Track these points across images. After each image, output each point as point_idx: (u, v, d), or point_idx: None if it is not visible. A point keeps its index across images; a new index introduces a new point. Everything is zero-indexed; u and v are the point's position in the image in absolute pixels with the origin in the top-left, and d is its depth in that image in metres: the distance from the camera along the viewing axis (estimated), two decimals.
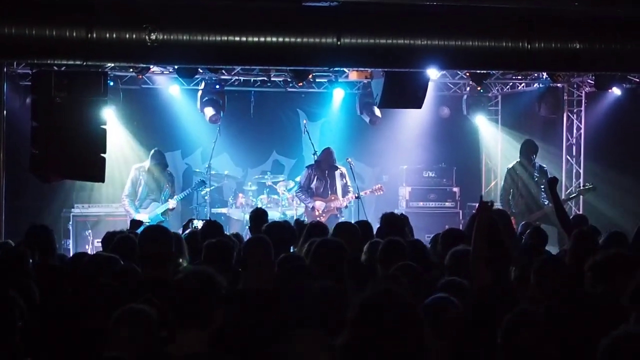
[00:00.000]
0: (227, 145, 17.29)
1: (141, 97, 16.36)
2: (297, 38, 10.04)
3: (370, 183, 17.90)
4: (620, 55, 10.86)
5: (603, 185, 16.30)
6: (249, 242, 7.04)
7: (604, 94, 16.46)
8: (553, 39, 10.57)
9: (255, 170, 17.71)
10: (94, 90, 10.39)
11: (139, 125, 16.61)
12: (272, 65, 13.71)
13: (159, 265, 6.68)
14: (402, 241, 7.69)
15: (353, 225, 9.02)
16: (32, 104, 10.87)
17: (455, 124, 18.28)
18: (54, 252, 8.39)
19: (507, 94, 18.19)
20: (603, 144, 17.11)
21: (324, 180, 15.51)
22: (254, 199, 16.31)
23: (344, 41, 10.09)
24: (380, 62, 10.96)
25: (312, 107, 18.05)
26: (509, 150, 17.59)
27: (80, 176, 11.38)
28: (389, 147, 18.24)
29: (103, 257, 7.36)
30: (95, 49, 9.64)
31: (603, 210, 16.32)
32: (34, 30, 9.39)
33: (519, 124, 17.91)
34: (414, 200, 17.43)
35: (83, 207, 15.71)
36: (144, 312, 5.12)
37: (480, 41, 10.44)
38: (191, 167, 17.38)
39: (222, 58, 10.57)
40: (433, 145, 18.28)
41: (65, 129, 10.30)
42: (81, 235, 15.09)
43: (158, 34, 9.62)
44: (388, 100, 12.86)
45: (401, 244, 7.56)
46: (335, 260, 6.77)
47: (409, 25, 10.37)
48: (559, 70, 13.41)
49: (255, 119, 17.55)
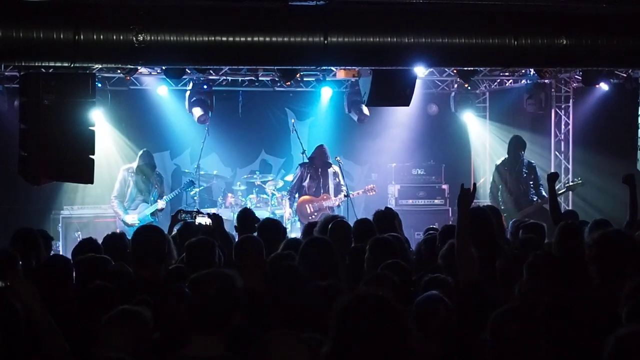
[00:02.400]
0: (215, 145, 17.30)
1: (129, 98, 16.34)
2: (284, 37, 10.03)
3: (360, 181, 17.94)
4: (607, 51, 10.87)
5: (592, 180, 16.37)
6: (240, 241, 7.04)
7: (591, 90, 16.52)
8: (539, 35, 10.59)
9: (244, 170, 17.72)
10: (82, 92, 10.37)
11: (128, 127, 16.59)
12: (260, 65, 13.72)
13: (153, 266, 6.68)
14: (390, 239, 7.69)
15: (347, 223, 9.07)
16: (20, 106, 10.85)
17: (444, 121, 18.30)
18: (42, 255, 8.34)
19: (495, 91, 18.23)
20: (591, 139, 17.17)
21: (316, 179, 15.54)
22: (243, 198, 16.32)
23: (330, 40, 10.09)
24: (368, 60, 10.97)
25: (300, 106, 18.07)
26: (497, 147, 17.64)
27: (69, 178, 11.35)
28: (377, 145, 18.26)
29: (95, 258, 7.36)
30: (82, 51, 9.61)
31: (592, 204, 16.39)
32: (20, 33, 9.36)
33: (507, 121, 17.94)
34: (403, 198, 17.43)
35: (72, 209, 15.73)
36: (136, 313, 5.12)
37: (466, 38, 10.45)
38: (180, 167, 17.39)
39: (209, 58, 10.56)
40: (421, 143, 18.31)
41: (53, 131, 10.28)
42: (70, 237, 15.09)
43: (145, 35, 9.60)
44: (376, 99, 12.85)
45: (389, 241, 7.56)
46: (326, 259, 6.79)
47: (395, 23, 10.37)
48: (546, 66, 13.44)
49: (244, 119, 17.57)
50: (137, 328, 5.05)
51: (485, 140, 18.57)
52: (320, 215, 14.97)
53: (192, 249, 7.23)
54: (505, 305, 4.74)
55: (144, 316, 5.12)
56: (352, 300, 3.83)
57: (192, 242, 7.29)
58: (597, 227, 8.35)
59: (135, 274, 6.76)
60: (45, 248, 8.67)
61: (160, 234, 7.11)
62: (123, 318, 5.08)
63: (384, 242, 7.46)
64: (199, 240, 7.38)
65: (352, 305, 3.80)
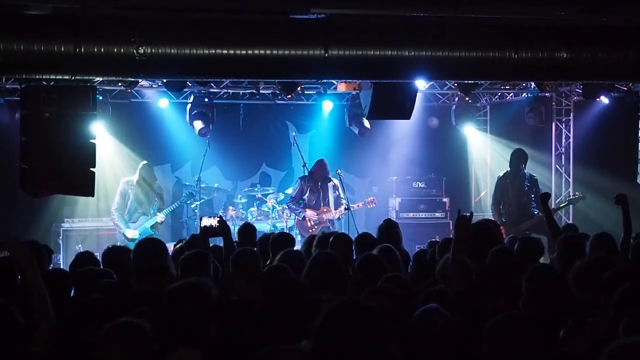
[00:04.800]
0: (216, 158, 17.29)
1: (130, 110, 16.33)
2: (285, 50, 10.05)
3: (360, 194, 17.93)
4: (607, 64, 10.89)
5: (592, 194, 16.36)
6: (238, 254, 7.03)
7: (592, 103, 16.54)
8: (539, 49, 10.60)
9: (245, 182, 17.73)
10: (83, 105, 10.37)
11: (129, 139, 16.60)
12: (261, 78, 13.72)
13: (154, 278, 6.67)
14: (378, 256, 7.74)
15: (348, 237, 9.11)
16: (21, 119, 10.85)
17: (444, 135, 18.31)
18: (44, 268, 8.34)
19: (496, 104, 18.24)
20: (592, 152, 17.19)
21: (317, 192, 15.55)
22: (244, 211, 16.33)
23: (331, 53, 10.11)
24: (368, 73, 10.98)
25: (301, 119, 18.08)
26: (498, 160, 17.65)
27: (70, 191, 11.34)
28: (378, 158, 18.28)
29: (93, 271, 7.35)
30: (83, 64, 9.63)
31: (593, 217, 16.37)
32: (22, 46, 9.38)
33: (507, 134, 17.95)
34: (404, 211, 17.43)
35: (73, 222, 15.73)
36: (136, 326, 5.11)
37: (467, 52, 10.47)
38: (181, 180, 17.37)
39: (210, 71, 10.57)
40: (422, 156, 18.32)
41: (54, 144, 10.29)
42: (71, 250, 15.06)
43: (146, 47, 9.62)
44: (377, 112, 12.87)
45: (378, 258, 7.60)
46: (331, 273, 6.79)
47: (396, 37, 10.39)
48: (546, 79, 13.45)
49: (245, 132, 17.58)
50: (136, 340, 5.04)
51: (485, 153, 18.59)
52: (321, 227, 14.98)
53: (186, 263, 7.16)
54: (501, 314, 4.75)
55: (143, 328, 5.11)
56: (334, 307, 3.85)
57: (186, 257, 7.25)
58: (598, 240, 8.39)
59: (136, 287, 6.75)
60: (46, 261, 8.66)
61: (161, 246, 7.08)
62: (123, 330, 5.07)
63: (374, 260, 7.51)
64: (193, 254, 7.33)
65: (333, 311, 3.82)
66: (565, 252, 7.66)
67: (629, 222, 9.19)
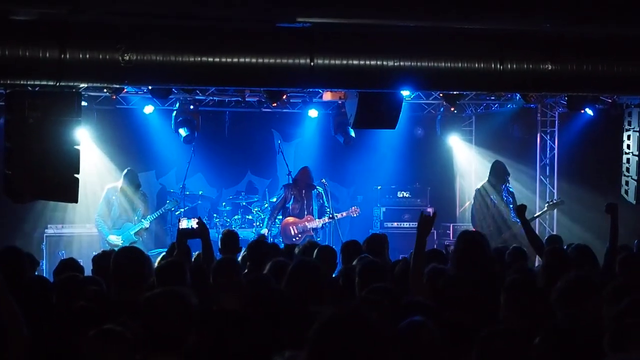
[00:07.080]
0: (201, 166, 17.28)
1: (115, 117, 16.29)
2: (271, 59, 10.05)
3: (345, 203, 17.94)
4: (593, 76, 10.91)
5: (576, 206, 16.41)
6: (219, 263, 7.02)
7: (576, 115, 16.60)
8: (524, 60, 10.62)
9: (230, 190, 17.72)
10: (68, 111, 10.33)
11: (113, 146, 16.55)
12: (246, 86, 13.70)
13: (134, 287, 6.64)
14: (378, 262, 7.74)
15: (333, 248, 9.12)
16: (5, 124, 10.80)
17: (430, 144, 18.36)
18: (26, 276, 8.29)
19: (481, 115, 18.28)
20: (576, 164, 17.25)
21: (300, 201, 15.57)
22: (228, 219, 16.32)
23: (317, 62, 10.11)
24: (354, 83, 10.97)
25: (287, 127, 18.09)
26: (482, 171, 17.65)
27: (54, 196, 11.29)
28: (363, 167, 18.30)
29: (75, 278, 7.32)
30: (68, 70, 9.60)
31: (576, 230, 16.44)
32: (6, 51, 9.35)
33: (492, 144, 17.98)
34: (388, 221, 17.46)
35: (56, 228, 15.67)
36: (118, 334, 5.10)
37: (452, 62, 10.48)
38: (165, 187, 17.35)
39: (195, 79, 10.54)
40: (407, 166, 18.35)
41: (38, 150, 10.24)
42: (54, 256, 15.01)
43: (131, 54, 9.60)
44: (362, 121, 12.87)
45: (379, 265, 7.60)
46: (311, 282, 6.78)
47: (382, 47, 10.40)
48: (531, 91, 13.48)
49: (230, 139, 17.58)
50: (119, 348, 5.02)
51: (470, 163, 18.62)
52: (304, 236, 14.99)
53: (162, 272, 7.14)
54: (491, 327, 4.75)
55: (126, 336, 5.10)
56: (330, 317, 3.82)
57: (161, 265, 7.22)
58: (576, 252, 8.44)
59: (116, 296, 6.72)
60: (29, 270, 8.61)
61: (140, 255, 7.05)
62: (106, 337, 5.06)
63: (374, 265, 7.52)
64: (167, 263, 7.30)
65: (329, 321, 3.79)
66: (552, 264, 7.67)
67: (616, 232, 9.18)
